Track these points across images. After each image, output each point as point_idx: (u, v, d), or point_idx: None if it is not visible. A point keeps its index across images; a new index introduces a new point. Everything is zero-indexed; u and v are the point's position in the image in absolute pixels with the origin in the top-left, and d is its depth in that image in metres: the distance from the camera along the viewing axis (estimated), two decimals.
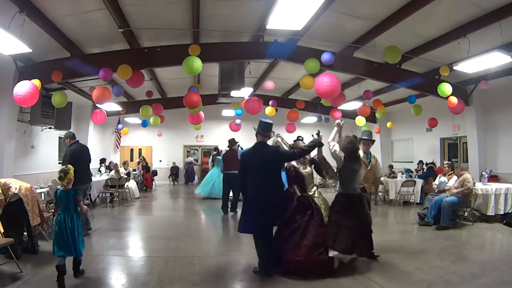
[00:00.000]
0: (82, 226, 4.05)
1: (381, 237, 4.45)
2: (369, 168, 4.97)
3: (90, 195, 7.92)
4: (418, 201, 8.85)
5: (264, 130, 4.19)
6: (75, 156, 5.71)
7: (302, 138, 4.96)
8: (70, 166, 3.85)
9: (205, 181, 10.95)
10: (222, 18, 6.77)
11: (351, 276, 3.83)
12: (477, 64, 6.59)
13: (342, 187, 4.15)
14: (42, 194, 6.45)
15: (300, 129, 12.99)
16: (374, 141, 5.30)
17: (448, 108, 8.47)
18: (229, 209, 8.21)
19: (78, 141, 6.13)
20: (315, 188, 4.37)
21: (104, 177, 9.85)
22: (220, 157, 10.47)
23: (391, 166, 11.37)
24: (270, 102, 10.93)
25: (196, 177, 15.40)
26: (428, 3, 5.51)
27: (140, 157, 14.14)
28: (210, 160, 11.73)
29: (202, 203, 10.28)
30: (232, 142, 8.77)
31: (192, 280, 3.81)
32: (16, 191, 4.41)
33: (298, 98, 12.44)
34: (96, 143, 13.52)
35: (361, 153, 4.59)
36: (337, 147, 4.19)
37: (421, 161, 10.81)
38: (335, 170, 4.32)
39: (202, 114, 8.96)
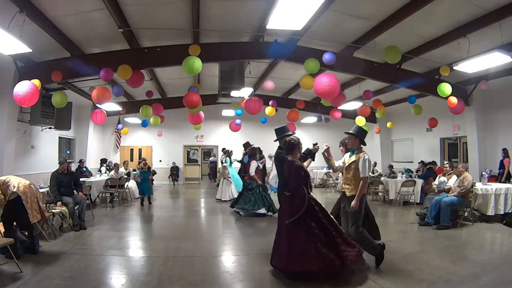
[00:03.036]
0: None
1: (381, 237, 4.44)
2: (347, 165, 4.24)
3: (90, 195, 7.92)
4: (418, 201, 8.84)
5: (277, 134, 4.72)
6: None
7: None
8: None
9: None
10: (222, 18, 6.77)
11: (351, 276, 3.83)
12: (477, 64, 6.59)
13: None
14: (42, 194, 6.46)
15: (300, 129, 12.99)
16: (354, 134, 4.25)
17: (448, 108, 8.47)
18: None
19: None
20: None
21: (104, 177, 9.85)
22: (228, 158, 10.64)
23: (391, 166, 11.37)
24: (270, 102, 10.94)
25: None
26: (428, 3, 5.51)
27: (141, 159, 14.11)
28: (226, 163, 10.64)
29: (202, 203, 10.28)
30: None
31: (192, 280, 3.81)
32: (15, 189, 4.37)
33: (298, 98, 12.45)
34: (96, 143, 13.53)
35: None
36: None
37: (422, 162, 10.81)
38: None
39: (202, 114, 8.97)
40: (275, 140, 4.88)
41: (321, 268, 3.61)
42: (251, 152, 8.56)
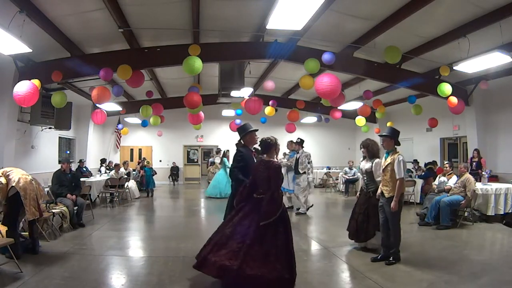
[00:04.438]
0: None
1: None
2: (384, 167, 4.40)
3: (90, 195, 7.93)
4: (418, 201, 8.84)
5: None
6: None
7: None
8: None
9: (213, 183, 11.22)
10: (222, 18, 6.77)
11: (351, 276, 3.83)
12: (477, 64, 6.60)
13: None
14: None
15: (300, 129, 13.00)
16: (389, 136, 4.49)
17: (448, 108, 8.47)
18: None
19: None
20: None
21: (104, 177, 9.85)
22: (225, 159, 11.14)
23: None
24: (270, 102, 10.95)
25: None
26: (428, 3, 5.51)
27: (142, 159, 14.13)
28: (217, 162, 12.17)
29: (202, 203, 10.28)
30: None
31: (192, 280, 3.81)
32: (14, 184, 4.28)
33: (298, 98, 12.45)
34: (96, 143, 13.53)
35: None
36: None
37: (415, 160, 10.80)
38: None
39: (202, 114, 8.97)
40: (239, 140, 4.44)
41: (275, 278, 3.24)
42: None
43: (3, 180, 4.29)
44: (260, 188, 3.66)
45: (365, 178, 5.02)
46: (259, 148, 4.10)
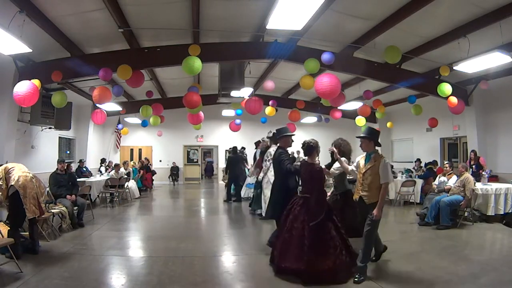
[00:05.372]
0: None
1: (381, 237, 4.43)
2: (364, 171, 3.96)
3: (90, 195, 7.93)
4: (418, 201, 8.84)
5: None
6: None
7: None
8: None
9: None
10: (222, 18, 6.77)
11: (351, 276, 3.83)
12: (477, 64, 6.59)
13: None
14: None
15: (300, 129, 12.98)
16: (367, 137, 4.04)
17: (448, 108, 8.46)
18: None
19: None
20: None
21: (104, 177, 9.85)
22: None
23: (391, 166, 11.34)
24: (270, 102, 10.94)
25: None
26: (428, 3, 5.51)
27: (144, 159, 14.13)
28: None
29: (202, 203, 10.28)
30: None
31: (192, 280, 3.81)
32: (13, 183, 4.27)
33: (298, 98, 12.46)
34: (96, 143, 13.52)
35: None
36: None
37: (418, 160, 10.78)
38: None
39: (202, 114, 8.97)
40: (278, 137, 4.92)
41: (340, 264, 3.71)
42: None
43: (1, 182, 4.30)
44: (304, 188, 4.08)
45: (333, 180, 4.91)
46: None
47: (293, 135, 4.99)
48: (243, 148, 11.72)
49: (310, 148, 4.13)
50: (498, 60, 6.26)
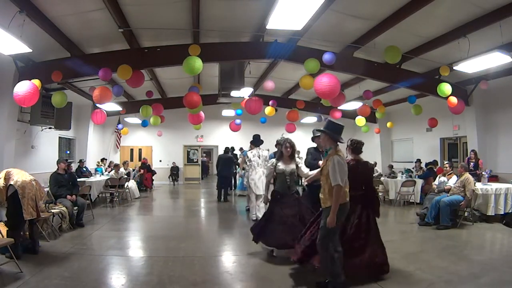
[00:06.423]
0: None
1: (382, 237, 4.44)
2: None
3: (90, 195, 7.92)
4: (418, 201, 8.84)
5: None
6: None
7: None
8: None
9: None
10: (222, 18, 6.77)
11: (350, 276, 3.82)
12: (477, 64, 6.59)
13: None
14: None
15: (300, 129, 13.00)
16: (323, 131, 3.55)
17: (448, 108, 8.46)
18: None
19: None
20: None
21: (104, 177, 9.85)
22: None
23: (391, 166, 11.37)
24: (270, 102, 10.94)
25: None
26: (428, 3, 5.51)
27: (144, 159, 14.15)
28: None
29: (202, 203, 10.27)
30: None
31: (192, 280, 3.81)
32: (12, 183, 4.30)
33: (298, 98, 12.45)
34: (96, 143, 13.52)
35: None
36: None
37: (418, 160, 10.78)
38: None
39: (202, 114, 8.96)
40: (316, 136, 5.05)
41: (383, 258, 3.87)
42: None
43: (1, 182, 4.31)
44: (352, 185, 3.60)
45: (288, 180, 4.54)
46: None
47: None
48: (233, 148, 11.80)
49: (359, 147, 4.06)
50: (498, 60, 6.27)
